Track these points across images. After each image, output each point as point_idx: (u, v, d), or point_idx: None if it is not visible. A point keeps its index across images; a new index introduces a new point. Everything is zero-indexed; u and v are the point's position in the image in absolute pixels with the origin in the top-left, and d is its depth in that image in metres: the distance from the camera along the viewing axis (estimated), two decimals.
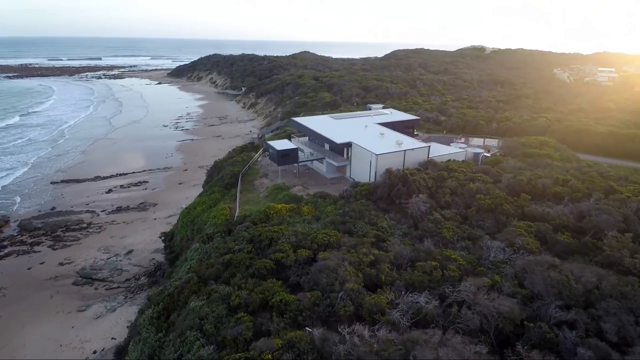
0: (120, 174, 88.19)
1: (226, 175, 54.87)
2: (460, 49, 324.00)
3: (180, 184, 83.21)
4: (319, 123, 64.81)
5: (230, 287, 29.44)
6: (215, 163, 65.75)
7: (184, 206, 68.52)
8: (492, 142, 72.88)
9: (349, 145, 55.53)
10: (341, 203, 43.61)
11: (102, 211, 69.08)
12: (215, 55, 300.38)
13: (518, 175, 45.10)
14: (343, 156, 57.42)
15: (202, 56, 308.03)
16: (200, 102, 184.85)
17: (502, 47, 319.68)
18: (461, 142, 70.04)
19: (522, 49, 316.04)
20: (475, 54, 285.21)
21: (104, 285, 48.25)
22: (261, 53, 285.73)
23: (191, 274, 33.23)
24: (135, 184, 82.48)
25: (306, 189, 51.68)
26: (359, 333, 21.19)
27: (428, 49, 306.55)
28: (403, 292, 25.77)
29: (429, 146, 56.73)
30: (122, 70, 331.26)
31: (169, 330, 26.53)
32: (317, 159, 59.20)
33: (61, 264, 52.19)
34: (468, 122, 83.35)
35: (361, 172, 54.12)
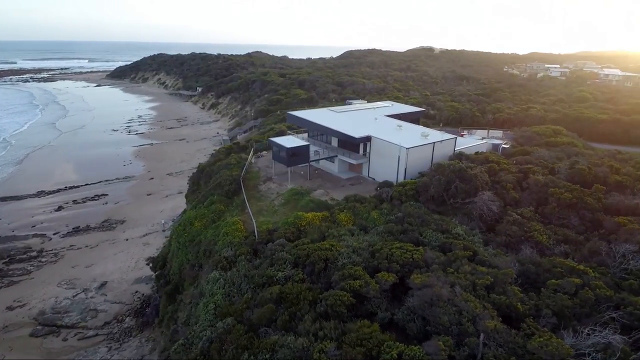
0: (71, 187, 73.44)
1: (224, 181, 44.74)
2: (411, 49, 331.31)
3: (149, 195, 70.57)
4: (322, 117, 56.48)
5: (303, 338, 20.47)
6: (202, 168, 54.96)
7: (163, 221, 57.19)
8: (497, 134, 68.96)
9: (367, 139, 47.85)
10: (387, 207, 35.74)
11: (54, 234, 55.31)
12: (160, 55, 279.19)
13: (575, 164, 40.06)
14: (359, 152, 49.60)
15: (146, 56, 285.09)
16: (151, 104, 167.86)
17: (449, 48, 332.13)
18: (464, 135, 65.40)
19: (464, 50, 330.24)
20: (426, 53, 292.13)
21: (75, 334, 36.36)
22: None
23: (228, 318, 23.64)
24: (92, 198, 68.56)
25: (327, 192, 43.18)
26: None
27: (380, 50, 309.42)
28: (578, 329, 18.47)
29: (456, 137, 50.70)
30: (52, 73, 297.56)
31: None
32: (327, 158, 50.76)
33: (10, 308, 39.21)
34: (464, 115, 79.25)
35: (384, 170, 46.67)
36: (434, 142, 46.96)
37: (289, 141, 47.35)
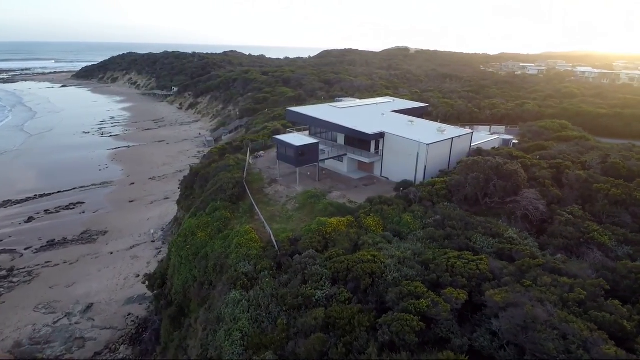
0: (41, 195, 66.03)
1: (227, 185, 39.90)
2: (386, 49, 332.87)
3: (131, 202, 64.26)
4: (326, 113, 52.36)
5: None
6: (195, 170, 49.70)
7: (152, 231, 51.64)
8: (499, 129, 67.03)
9: (381, 136, 44.21)
10: (419, 209, 32.08)
11: (26, 249, 48.63)
12: (131, 54, 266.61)
13: (607, 158, 37.81)
14: (369, 150, 45.94)
15: (114, 55, 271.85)
16: (124, 105, 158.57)
17: (424, 48, 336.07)
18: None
19: (438, 50, 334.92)
20: (403, 53, 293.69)
21: None
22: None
23: (266, 352, 19.33)
24: (67, 207, 61.66)
25: (344, 194, 39.17)
26: None
27: (357, 50, 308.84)
28: None
29: (472, 133, 47.90)
30: (12, 74, 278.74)
31: None
32: (337, 157, 46.71)
33: None
34: (462, 111, 77.17)
35: (400, 168, 43.20)
36: (452, 138, 43.92)
37: (297, 139, 43.03)
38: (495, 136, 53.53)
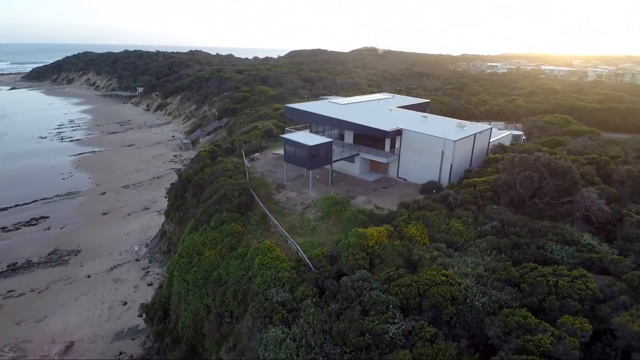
0: None
1: (231, 192, 34.23)
2: (354, 49, 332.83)
3: (105, 214, 56.58)
4: (330, 109, 47.70)
5: None
6: (186, 176, 43.34)
7: (136, 248, 44.95)
8: (498, 125, 65.01)
9: (398, 133, 40.11)
10: (466, 214, 28.09)
11: None
12: (87, 53, 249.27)
13: None
14: (384, 149, 41.77)
15: (69, 55, 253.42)
16: (83, 107, 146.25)
17: (391, 49, 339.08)
18: None
19: (404, 51, 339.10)
20: (372, 53, 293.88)
21: None
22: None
23: None
24: (28, 223, 53.20)
25: (370, 200, 34.62)
26: None
27: (325, 50, 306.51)
28: None
29: (491, 128, 44.85)
30: None
31: None
32: (348, 157, 42.08)
33: None
34: (456, 108, 74.88)
35: (420, 168, 39.34)
36: (474, 134, 40.54)
37: (308, 138, 38.06)
38: (507, 132, 50.94)
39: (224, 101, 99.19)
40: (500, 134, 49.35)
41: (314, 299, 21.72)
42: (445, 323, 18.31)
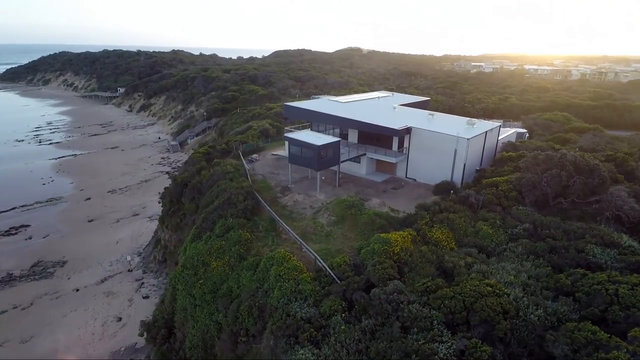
0: None
1: (236, 197, 31.78)
2: (339, 50, 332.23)
3: (91, 221, 53.12)
4: (330, 107, 45.66)
5: None
6: (181, 180, 40.54)
7: (128, 257, 42.01)
8: (497, 123, 64.24)
9: (407, 131, 38.40)
10: (493, 216, 26.48)
11: None
12: (64, 53, 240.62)
13: None
14: (391, 148, 40.03)
15: (45, 55, 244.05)
16: (62, 109, 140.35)
17: (374, 49, 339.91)
18: None
19: (387, 51, 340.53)
20: (356, 53, 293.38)
21: None
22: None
23: None
24: (7, 233, 49.41)
25: (384, 202, 32.71)
26: None
27: (310, 50, 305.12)
28: None
29: (500, 125, 43.65)
30: None
31: None
32: (355, 157, 40.11)
33: None
34: (452, 106, 73.86)
35: (431, 168, 37.77)
36: (485, 132, 39.20)
37: (314, 137, 35.93)
38: (512, 130, 49.96)
39: (212, 101, 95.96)
40: (505, 132, 48.34)
41: (344, 315, 19.65)
42: (499, 340, 16.49)
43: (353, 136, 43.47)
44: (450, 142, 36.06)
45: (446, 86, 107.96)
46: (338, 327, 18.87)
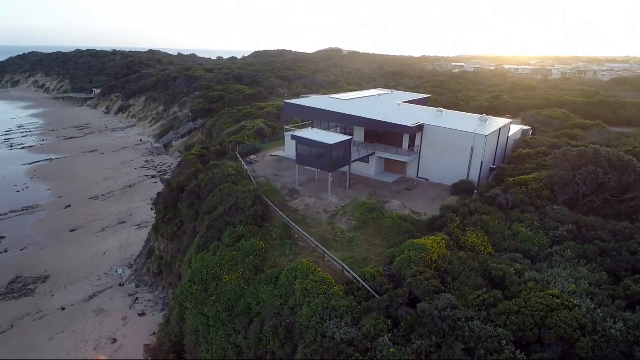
0: None
1: (243, 202, 28.95)
2: (319, 50, 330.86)
3: (73, 231, 48.99)
4: (333, 105, 43.29)
5: None
6: (176, 184, 37.23)
7: (120, 271, 38.52)
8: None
9: (419, 129, 36.46)
10: (528, 217, 24.71)
11: None
12: (34, 53, 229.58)
13: None
14: (402, 147, 38.08)
15: (13, 56, 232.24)
16: (33, 111, 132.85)
17: (355, 50, 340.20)
18: None
19: (368, 52, 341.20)
20: (337, 54, 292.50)
21: None
22: None
23: None
24: None
25: (404, 204, 30.56)
26: None
27: (290, 50, 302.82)
28: None
29: (511, 122, 42.33)
30: None
31: None
32: (364, 157, 37.85)
33: None
34: (447, 104, 72.61)
35: (446, 167, 36.07)
36: (500, 128, 37.72)
37: (325, 136, 33.49)
38: (518, 127, 48.85)
39: (196, 101, 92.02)
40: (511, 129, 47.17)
41: (390, 335, 17.29)
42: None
43: (359, 135, 41.32)
44: (467, 139, 34.33)
45: (435, 85, 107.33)
46: (386, 350, 16.47)
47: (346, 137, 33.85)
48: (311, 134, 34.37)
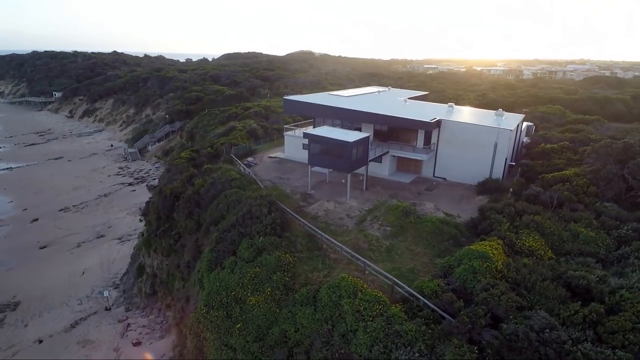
0: None
1: (257, 210, 25.25)
2: (290, 53, 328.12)
3: (44, 248, 43.19)
4: (337, 102, 40.32)
5: None
6: (170, 191, 32.81)
7: (106, 293, 33.63)
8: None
9: (438, 124, 34.04)
10: (586, 217, 22.56)
11: None
12: None
13: None
14: (415, 144, 35.58)
15: None
16: None
17: (326, 53, 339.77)
18: None
19: (340, 55, 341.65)
20: (310, 57, 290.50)
21: None
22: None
23: None
24: None
25: (437, 206, 27.83)
26: None
27: (261, 53, 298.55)
28: None
29: (524, 116, 40.80)
30: None
31: None
32: (379, 156, 34.95)
33: None
34: (443, 102, 71.54)
35: (466, 165, 33.89)
36: (519, 123, 35.95)
37: (342, 133, 30.33)
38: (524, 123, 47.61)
39: (172, 103, 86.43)
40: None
41: None
42: None
43: (367, 132, 38.39)
44: (490, 134, 32.19)
45: (417, 85, 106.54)
46: None
47: (364, 134, 30.86)
48: (324, 131, 31.11)
